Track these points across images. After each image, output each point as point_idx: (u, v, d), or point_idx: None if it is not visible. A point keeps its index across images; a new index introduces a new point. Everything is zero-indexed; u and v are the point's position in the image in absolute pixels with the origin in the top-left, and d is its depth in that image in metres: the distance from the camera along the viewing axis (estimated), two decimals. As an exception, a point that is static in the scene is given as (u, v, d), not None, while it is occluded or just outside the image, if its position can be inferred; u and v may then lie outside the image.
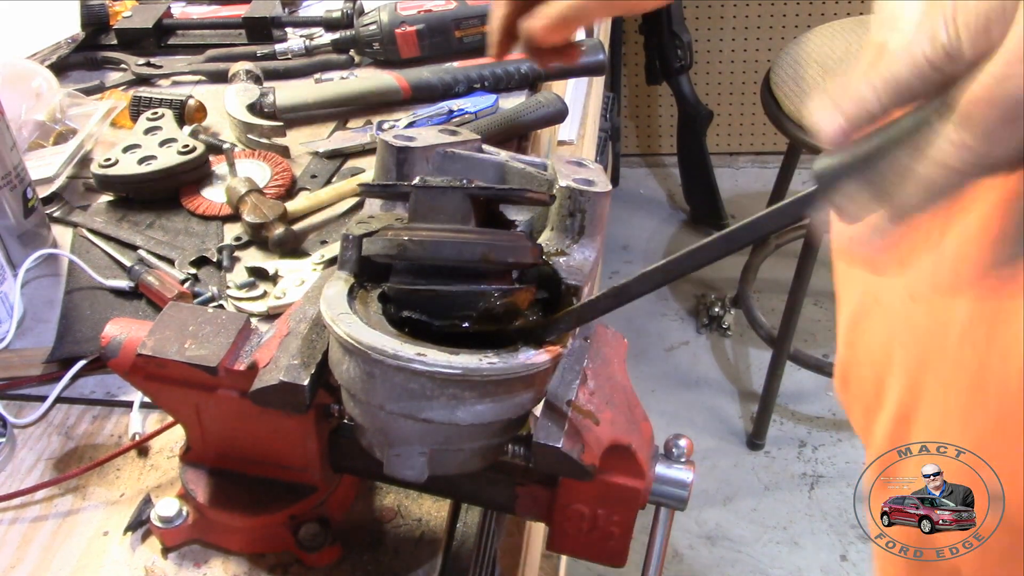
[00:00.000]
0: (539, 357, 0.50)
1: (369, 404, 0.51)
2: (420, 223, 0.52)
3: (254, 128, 1.08)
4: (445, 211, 0.52)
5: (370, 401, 0.50)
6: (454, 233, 0.51)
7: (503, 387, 0.50)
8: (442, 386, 0.48)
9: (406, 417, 0.50)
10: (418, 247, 0.50)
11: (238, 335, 0.59)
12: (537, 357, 0.50)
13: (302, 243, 0.94)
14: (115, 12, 1.36)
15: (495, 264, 0.51)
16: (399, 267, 0.52)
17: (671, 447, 0.57)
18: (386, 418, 0.51)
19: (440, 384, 0.48)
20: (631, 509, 0.56)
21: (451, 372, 0.47)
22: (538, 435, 0.51)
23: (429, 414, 0.49)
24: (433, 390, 0.48)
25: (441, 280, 0.51)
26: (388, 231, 0.52)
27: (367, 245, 0.53)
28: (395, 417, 0.50)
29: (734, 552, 2.08)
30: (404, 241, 0.50)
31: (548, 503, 0.59)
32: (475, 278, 0.51)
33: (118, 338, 0.61)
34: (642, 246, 2.97)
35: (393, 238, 0.51)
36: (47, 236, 0.94)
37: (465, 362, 0.47)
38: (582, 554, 0.59)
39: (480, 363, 0.48)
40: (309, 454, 0.62)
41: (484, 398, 0.49)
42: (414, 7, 1.22)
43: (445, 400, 0.49)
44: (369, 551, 0.64)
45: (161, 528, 0.63)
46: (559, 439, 0.50)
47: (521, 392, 0.51)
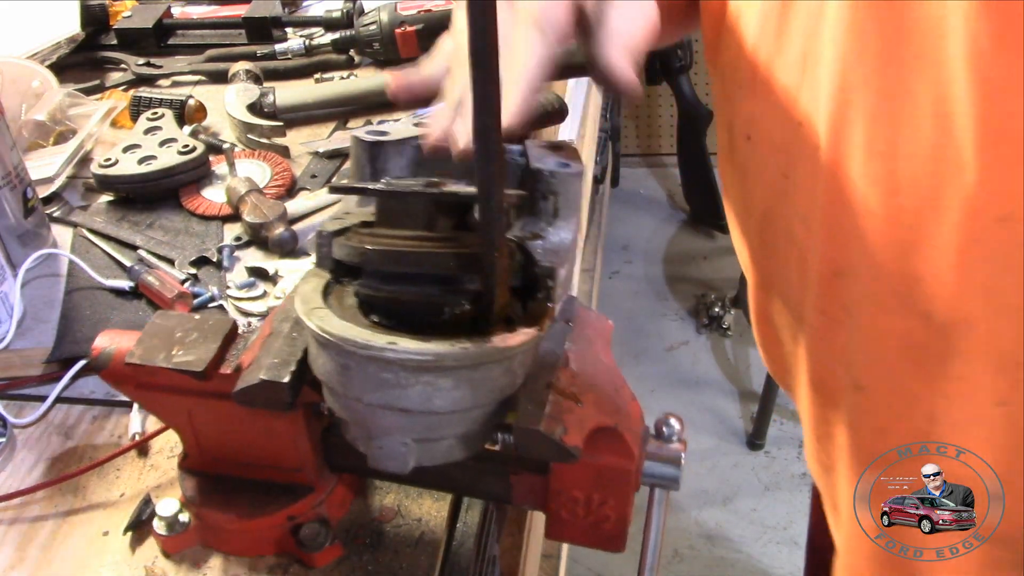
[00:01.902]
0: (513, 340, 0.49)
1: (347, 397, 0.51)
2: (385, 228, 0.52)
3: (254, 128, 1.08)
4: (412, 215, 0.51)
5: (347, 394, 0.50)
6: (417, 242, 0.50)
7: (479, 372, 0.49)
8: (416, 374, 0.48)
9: (384, 408, 0.50)
10: (380, 256, 0.50)
11: (224, 339, 0.60)
12: (511, 340, 0.49)
13: (302, 243, 0.94)
14: (115, 12, 1.36)
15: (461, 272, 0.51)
16: (367, 270, 0.52)
17: (661, 427, 0.56)
18: (365, 410, 0.51)
19: (413, 372, 0.48)
20: (625, 491, 0.56)
21: (423, 359, 0.47)
22: (518, 419, 0.51)
23: (406, 403, 0.49)
24: (407, 378, 0.48)
25: (407, 284, 0.50)
26: (354, 236, 0.52)
27: (335, 248, 0.53)
28: (373, 409, 0.50)
29: (734, 552, 2.08)
30: (366, 250, 0.50)
31: (543, 491, 0.59)
32: (442, 282, 0.51)
33: (108, 349, 0.61)
34: (642, 246, 2.97)
35: (357, 245, 0.51)
36: (47, 236, 0.94)
37: (436, 348, 0.47)
38: (580, 540, 0.59)
39: (452, 348, 0.47)
40: (302, 454, 0.62)
41: (460, 384, 0.49)
42: (414, 7, 1.22)
43: (420, 388, 0.48)
44: (369, 551, 0.64)
45: (163, 536, 0.63)
46: (539, 422, 0.50)
47: (498, 376, 0.51)
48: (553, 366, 0.53)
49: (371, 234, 0.52)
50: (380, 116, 1.14)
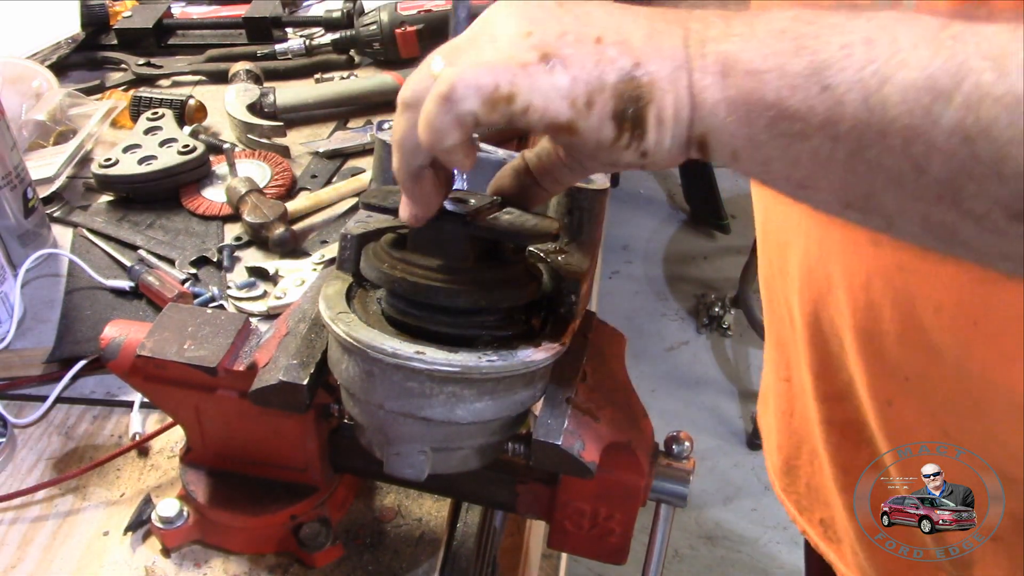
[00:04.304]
0: (538, 355, 0.50)
1: (368, 403, 0.51)
2: (416, 255, 0.51)
3: (254, 128, 1.08)
4: (444, 244, 0.50)
5: (369, 400, 0.50)
6: (449, 277, 0.49)
7: (502, 385, 0.50)
8: (441, 384, 0.48)
9: (405, 416, 0.50)
10: (410, 288, 0.49)
11: (237, 336, 0.59)
12: (536, 355, 0.50)
13: (302, 243, 0.94)
14: (115, 12, 1.36)
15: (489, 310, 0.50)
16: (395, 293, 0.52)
17: (671, 444, 0.57)
18: (385, 417, 0.51)
19: (439, 382, 0.48)
20: (632, 506, 0.56)
21: (450, 370, 0.47)
22: (538, 433, 0.51)
23: (428, 412, 0.49)
24: (432, 388, 0.48)
25: (436, 313, 0.50)
26: (384, 256, 0.51)
27: (363, 265, 0.52)
28: (394, 416, 0.50)
29: (734, 552, 2.08)
30: (397, 279, 0.49)
31: (549, 501, 0.59)
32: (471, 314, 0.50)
33: (117, 339, 0.61)
34: (642, 246, 2.97)
35: (388, 272, 0.50)
36: (47, 236, 0.94)
37: (464, 360, 0.47)
38: (583, 552, 0.59)
39: (479, 361, 0.48)
40: (309, 454, 0.62)
41: (483, 396, 0.49)
42: (414, 7, 1.22)
43: (444, 398, 0.49)
44: (369, 551, 0.64)
45: (162, 529, 0.63)
46: (559, 437, 0.50)
47: (520, 390, 0.51)
48: (571, 381, 0.53)
49: (403, 260, 0.50)
50: (380, 116, 1.14)
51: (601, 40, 0.42)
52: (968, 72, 0.38)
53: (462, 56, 0.43)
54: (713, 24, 0.43)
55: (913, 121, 0.39)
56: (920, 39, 0.39)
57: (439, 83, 0.42)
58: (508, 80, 0.41)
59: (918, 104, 0.38)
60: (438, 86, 0.42)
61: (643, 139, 0.43)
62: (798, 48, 0.40)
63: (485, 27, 0.45)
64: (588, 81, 0.42)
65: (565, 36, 0.42)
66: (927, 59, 0.38)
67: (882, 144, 0.40)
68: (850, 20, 0.41)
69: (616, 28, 0.43)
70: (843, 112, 0.40)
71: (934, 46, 0.39)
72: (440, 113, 0.42)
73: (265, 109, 1.12)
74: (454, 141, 0.43)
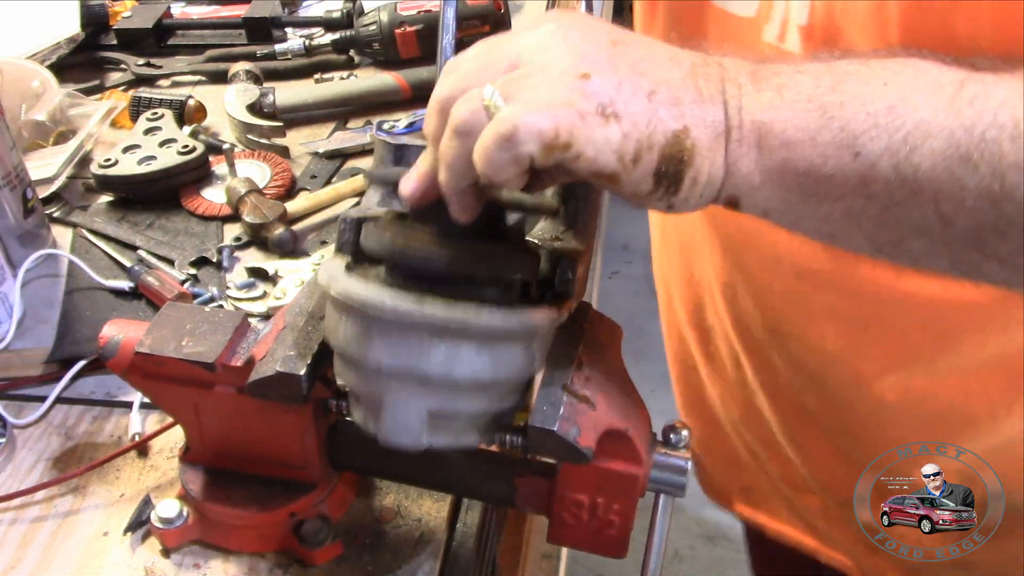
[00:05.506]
0: (537, 315, 0.50)
1: (365, 366, 0.51)
2: (419, 225, 0.52)
3: (254, 128, 1.08)
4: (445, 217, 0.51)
5: (366, 362, 0.50)
6: (450, 246, 0.50)
7: (501, 345, 0.50)
8: (440, 335, 0.48)
9: (402, 375, 0.50)
10: (410, 257, 0.50)
11: (235, 332, 0.60)
12: (535, 315, 0.50)
13: (302, 244, 0.94)
14: (115, 12, 1.36)
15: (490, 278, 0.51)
16: (395, 263, 0.52)
17: (669, 434, 0.56)
18: (382, 381, 0.51)
19: (438, 334, 0.48)
20: (630, 496, 0.56)
21: (450, 319, 0.48)
22: (534, 419, 0.51)
23: (426, 367, 0.49)
24: (431, 341, 0.49)
25: (436, 284, 0.50)
26: (387, 227, 0.52)
27: (364, 236, 0.53)
28: (391, 379, 0.50)
29: (734, 552, 2.08)
30: (398, 246, 0.50)
31: (547, 494, 0.59)
32: (471, 284, 0.51)
33: (116, 338, 0.61)
34: (642, 246, 2.96)
35: (390, 240, 0.50)
36: (47, 236, 0.94)
37: (464, 312, 0.48)
38: (583, 545, 0.59)
39: (479, 315, 0.48)
40: (308, 450, 0.62)
41: (482, 352, 0.49)
42: (414, 7, 1.22)
43: (444, 350, 0.49)
44: (369, 551, 0.64)
45: (161, 529, 0.63)
46: (555, 423, 0.50)
47: (519, 353, 0.51)
48: (567, 368, 0.54)
49: (404, 229, 0.51)
50: (380, 116, 1.14)
51: (653, 96, 0.44)
52: (989, 142, 0.41)
53: (518, 92, 0.44)
54: (746, 90, 0.45)
55: (942, 186, 0.42)
56: (939, 106, 0.43)
57: (501, 123, 0.42)
58: (567, 130, 0.42)
59: (946, 170, 0.42)
60: (500, 126, 0.42)
61: (675, 195, 0.45)
62: (827, 118, 0.43)
63: (536, 54, 0.45)
64: (639, 140, 0.43)
65: (621, 87, 0.43)
66: (949, 128, 0.42)
67: (913, 201, 0.43)
68: (867, 86, 0.44)
69: (667, 82, 0.44)
70: (875, 176, 0.43)
71: (953, 113, 0.42)
72: (500, 151, 0.43)
73: (265, 109, 1.12)
74: (510, 175, 0.44)
